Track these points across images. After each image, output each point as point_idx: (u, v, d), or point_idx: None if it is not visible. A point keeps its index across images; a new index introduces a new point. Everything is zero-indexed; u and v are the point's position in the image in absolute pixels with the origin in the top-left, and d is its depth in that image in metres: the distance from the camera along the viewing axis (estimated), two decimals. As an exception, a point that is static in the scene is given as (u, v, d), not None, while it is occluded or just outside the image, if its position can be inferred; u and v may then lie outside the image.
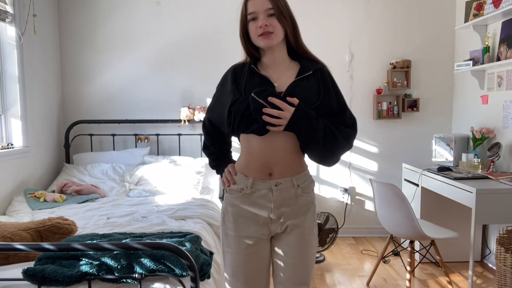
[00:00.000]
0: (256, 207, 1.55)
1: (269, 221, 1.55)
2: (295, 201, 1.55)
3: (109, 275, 1.61)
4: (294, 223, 1.55)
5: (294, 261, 1.56)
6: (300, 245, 1.56)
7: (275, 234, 1.58)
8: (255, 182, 1.54)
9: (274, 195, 1.53)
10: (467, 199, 2.72)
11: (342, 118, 1.54)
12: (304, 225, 1.56)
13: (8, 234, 1.98)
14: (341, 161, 4.08)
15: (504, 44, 3.15)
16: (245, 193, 1.55)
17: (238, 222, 1.57)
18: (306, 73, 1.56)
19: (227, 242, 1.61)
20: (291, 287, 1.57)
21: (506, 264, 2.55)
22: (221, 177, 1.67)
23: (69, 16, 4.04)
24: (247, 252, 1.56)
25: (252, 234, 1.56)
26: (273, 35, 1.54)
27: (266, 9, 1.52)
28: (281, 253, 1.57)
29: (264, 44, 1.55)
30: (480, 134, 3.38)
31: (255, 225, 1.55)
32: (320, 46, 4.03)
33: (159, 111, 4.06)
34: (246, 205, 1.56)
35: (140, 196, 3.41)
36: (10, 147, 3.29)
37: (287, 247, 1.56)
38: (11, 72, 3.35)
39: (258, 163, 1.53)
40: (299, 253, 1.56)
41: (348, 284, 3.09)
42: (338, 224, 3.66)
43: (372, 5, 4.00)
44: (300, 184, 1.55)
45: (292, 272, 1.57)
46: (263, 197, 1.54)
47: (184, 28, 4.03)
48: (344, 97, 1.66)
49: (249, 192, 1.55)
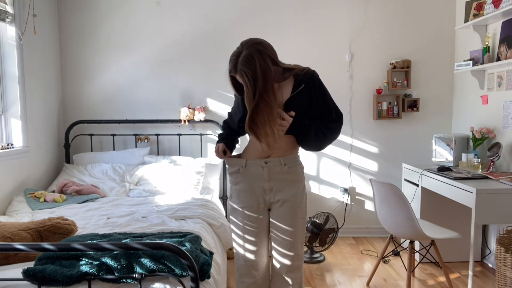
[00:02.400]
0: (252, 179, 1.93)
1: (263, 192, 1.93)
2: (282, 175, 1.92)
3: (109, 275, 1.61)
4: (284, 198, 1.92)
5: (283, 228, 1.93)
6: (289, 215, 1.92)
7: (270, 206, 1.96)
8: (248, 161, 1.93)
9: (264, 169, 1.91)
10: (467, 199, 2.72)
11: (329, 116, 1.92)
12: (294, 200, 1.93)
13: (8, 234, 1.98)
14: (341, 161, 4.12)
15: (504, 44, 3.15)
16: (242, 172, 1.94)
17: (240, 196, 1.96)
18: (299, 87, 1.87)
19: (234, 213, 1.99)
20: (281, 252, 1.94)
21: (506, 264, 2.55)
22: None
23: (69, 16, 4.04)
24: (250, 219, 1.95)
25: (252, 203, 1.95)
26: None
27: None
28: (274, 222, 1.95)
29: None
30: (480, 134, 3.38)
31: (253, 196, 1.94)
32: (320, 46, 4.04)
33: (159, 111, 4.06)
34: (245, 179, 1.94)
35: (140, 196, 3.41)
36: (10, 147, 3.29)
37: (279, 217, 1.94)
38: (11, 72, 3.35)
39: (260, 151, 1.92)
40: (288, 221, 1.92)
41: (348, 284, 3.09)
42: (338, 224, 3.66)
43: (372, 5, 4.00)
44: (287, 164, 1.92)
45: (281, 239, 1.93)
46: (256, 171, 1.92)
47: (184, 28, 4.03)
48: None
49: (245, 169, 1.94)
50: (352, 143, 4.11)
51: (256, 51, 1.75)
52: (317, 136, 1.88)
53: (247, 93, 1.75)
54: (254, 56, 1.73)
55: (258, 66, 1.73)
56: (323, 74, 3.98)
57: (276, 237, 1.95)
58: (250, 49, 1.75)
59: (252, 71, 1.73)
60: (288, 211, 1.92)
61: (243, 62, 1.73)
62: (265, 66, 1.75)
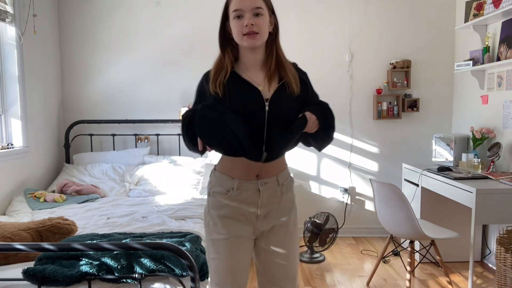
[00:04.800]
0: (243, 204, 1.53)
1: (255, 219, 1.54)
2: (280, 198, 1.56)
3: (109, 275, 1.61)
4: (281, 223, 1.57)
5: (284, 258, 1.58)
6: (288, 243, 1.59)
7: (260, 234, 1.57)
8: (241, 183, 1.52)
9: (261, 195, 1.52)
10: (467, 199, 2.72)
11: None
12: (289, 223, 1.59)
13: (8, 234, 1.98)
14: (341, 161, 4.12)
15: (504, 44, 3.15)
16: (231, 195, 1.52)
17: (225, 223, 1.53)
18: (285, 78, 1.54)
19: (214, 247, 1.54)
20: (282, 285, 1.60)
21: (506, 264, 2.55)
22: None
23: (69, 16, 4.04)
24: (237, 253, 1.53)
25: (241, 233, 1.53)
26: (258, 36, 1.51)
27: (254, 7, 1.49)
28: (270, 251, 1.58)
29: (248, 44, 1.50)
30: (480, 134, 3.38)
31: (241, 224, 1.53)
32: (320, 46, 4.04)
33: (159, 111, 4.06)
34: (234, 203, 1.52)
35: (140, 196, 3.41)
36: (10, 147, 3.29)
37: (276, 246, 1.57)
38: (11, 72, 3.35)
39: (246, 166, 1.50)
40: (288, 251, 1.59)
41: (348, 284, 3.09)
42: (338, 224, 3.66)
43: (372, 5, 4.00)
44: (284, 182, 1.57)
45: (283, 270, 1.59)
46: (250, 197, 1.52)
47: (184, 28, 4.03)
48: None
49: (236, 193, 1.52)
50: (352, 143, 4.11)
51: None
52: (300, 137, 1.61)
53: (268, 14, 1.58)
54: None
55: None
56: (323, 74, 4.03)
57: (270, 268, 1.60)
58: None
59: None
60: (285, 238, 1.59)
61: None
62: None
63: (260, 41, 1.52)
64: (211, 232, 1.56)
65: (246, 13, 1.48)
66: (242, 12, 1.48)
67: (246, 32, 1.48)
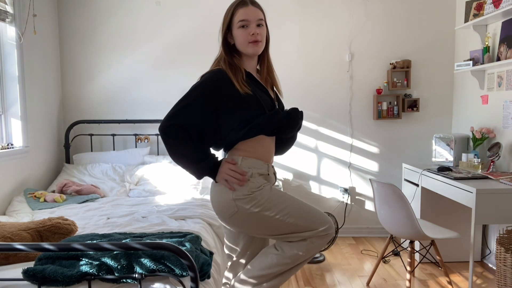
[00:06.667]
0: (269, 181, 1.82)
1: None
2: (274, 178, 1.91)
3: (109, 275, 1.61)
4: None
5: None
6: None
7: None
8: (269, 166, 1.82)
9: (272, 176, 1.86)
10: (467, 199, 2.72)
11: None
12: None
13: (8, 234, 1.98)
14: (341, 161, 4.12)
15: (504, 44, 3.15)
16: (266, 176, 1.79)
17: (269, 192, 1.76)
18: (277, 84, 1.87)
19: (280, 199, 1.73)
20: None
21: (506, 264, 2.55)
22: (208, 175, 1.73)
23: (69, 16, 4.04)
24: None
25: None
26: (261, 44, 1.73)
27: (258, 19, 1.70)
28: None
29: (253, 51, 1.72)
30: (480, 134, 3.38)
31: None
32: (320, 46, 4.04)
33: (160, 111, 4.06)
34: (268, 183, 1.78)
35: (140, 196, 3.41)
36: (10, 147, 3.29)
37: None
38: (11, 72, 3.35)
39: (271, 152, 1.83)
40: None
41: (348, 284, 3.09)
42: (338, 224, 3.66)
43: (372, 5, 4.00)
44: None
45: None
46: (271, 178, 1.84)
47: (184, 28, 4.03)
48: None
49: (269, 174, 1.81)
50: (352, 143, 4.11)
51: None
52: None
53: (265, 25, 1.78)
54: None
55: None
56: (323, 74, 4.03)
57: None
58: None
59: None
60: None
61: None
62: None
63: (261, 48, 1.75)
64: (269, 193, 1.72)
65: (251, 23, 1.69)
66: (248, 22, 1.68)
67: (252, 40, 1.69)
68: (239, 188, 1.69)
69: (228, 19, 1.72)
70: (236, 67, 1.71)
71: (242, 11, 1.68)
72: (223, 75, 1.68)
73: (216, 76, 1.70)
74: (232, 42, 1.75)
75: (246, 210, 1.69)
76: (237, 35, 1.70)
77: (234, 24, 1.70)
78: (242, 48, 1.72)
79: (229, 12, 1.72)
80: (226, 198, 1.71)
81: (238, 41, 1.71)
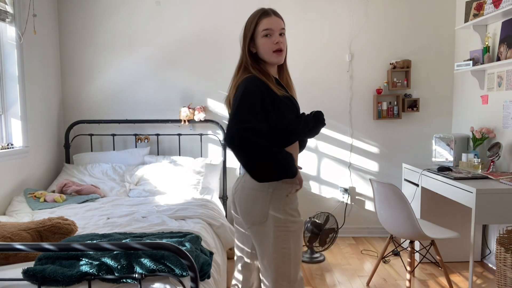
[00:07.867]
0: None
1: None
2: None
3: (109, 275, 1.61)
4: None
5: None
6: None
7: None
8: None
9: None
10: (467, 199, 2.72)
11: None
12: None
13: (8, 234, 1.98)
14: (341, 161, 4.12)
15: (504, 44, 3.15)
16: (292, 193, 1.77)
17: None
18: (294, 92, 1.90)
19: (298, 230, 1.75)
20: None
21: (506, 264, 2.55)
22: (286, 168, 1.67)
23: (69, 16, 4.04)
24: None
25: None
26: (283, 53, 1.78)
27: (281, 28, 1.76)
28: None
29: (277, 60, 1.76)
30: (480, 134, 3.38)
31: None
32: (320, 46, 4.04)
33: (159, 111, 4.06)
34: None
35: (140, 196, 3.41)
36: (10, 147, 3.29)
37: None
38: (11, 72, 3.35)
39: (297, 160, 1.81)
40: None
41: (348, 284, 3.09)
42: (338, 224, 3.66)
43: (372, 5, 4.00)
44: None
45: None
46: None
47: (184, 28, 4.03)
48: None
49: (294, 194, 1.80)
50: (352, 143, 4.11)
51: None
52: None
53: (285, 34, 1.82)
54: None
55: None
56: (323, 74, 4.03)
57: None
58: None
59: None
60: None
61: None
62: None
63: (283, 57, 1.80)
64: (296, 217, 1.75)
65: (275, 32, 1.75)
66: (272, 31, 1.74)
67: (276, 48, 1.74)
68: (277, 204, 1.71)
69: (252, 28, 1.76)
70: (266, 73, 1.76)
71: (266, 21, 1.74)
72: (259, 80, 1.71)
73: (255, 82, 1.70)
74: (254, 51, 1.78)
75: (272, 226, 1.71)
76: (260, 44, 1.74)
77: (258, 33, 1.74)
78: (266, 56, 1.75)
79: (253, 22, 1.76)
80: (261, 207, 1.72)
81: (262, 50, 1.75)
